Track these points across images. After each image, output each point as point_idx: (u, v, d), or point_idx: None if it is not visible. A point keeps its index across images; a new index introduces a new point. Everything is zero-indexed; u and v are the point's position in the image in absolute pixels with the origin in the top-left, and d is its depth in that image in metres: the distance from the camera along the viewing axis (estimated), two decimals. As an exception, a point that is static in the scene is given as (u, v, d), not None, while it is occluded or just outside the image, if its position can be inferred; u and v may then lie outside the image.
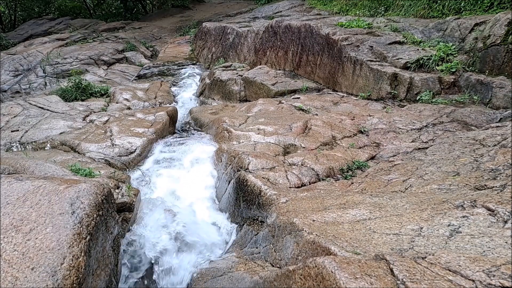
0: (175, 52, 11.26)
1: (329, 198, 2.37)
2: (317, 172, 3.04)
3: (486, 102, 4.15)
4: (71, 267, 1.70)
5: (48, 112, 5.19)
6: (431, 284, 1.19)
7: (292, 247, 1.93)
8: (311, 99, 5.14)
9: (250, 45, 8.34)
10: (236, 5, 16.54)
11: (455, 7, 5.86)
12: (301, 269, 1.47)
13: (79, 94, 6.55)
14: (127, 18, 17.88)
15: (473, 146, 2.74)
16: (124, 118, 4.96)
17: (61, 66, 9.97)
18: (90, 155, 3.81)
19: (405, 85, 4.75)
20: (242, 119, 4.49)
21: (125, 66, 10.36)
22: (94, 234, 1.96)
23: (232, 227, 3.05)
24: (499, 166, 2.24)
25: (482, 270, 1.23)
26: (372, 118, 4.18)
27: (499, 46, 4.31)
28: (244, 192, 2.88)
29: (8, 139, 4.21)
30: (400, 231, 1.71)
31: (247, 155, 3.22)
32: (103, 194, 2.17)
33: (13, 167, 3.05)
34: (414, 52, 5.11)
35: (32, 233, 1.79)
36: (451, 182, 2.23)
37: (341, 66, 5.62)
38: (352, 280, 1.24)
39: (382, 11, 7.51)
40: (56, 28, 15.47)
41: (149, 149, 4.25)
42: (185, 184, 3.64)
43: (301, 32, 6.70)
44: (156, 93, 7.00)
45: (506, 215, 1.63)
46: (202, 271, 2.53)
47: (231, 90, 6.56)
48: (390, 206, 2.04)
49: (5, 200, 1.96)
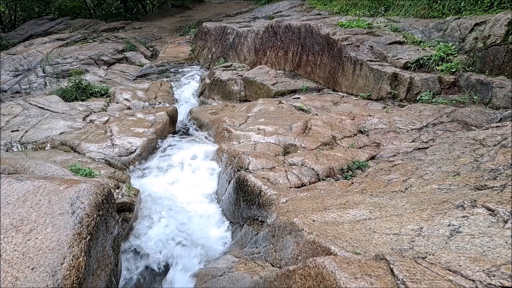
0: (175, 52, 11.26)
1: (329, 198, 2.37)
2: (317, 172, 3.04)
3: (486, 102, 4.15)
4: (71, 267, 1.70)
5: (48, 112, 5.19)
6: (431, 284, 1.19)
7: (292, 247, 1.93)
8: (311, 99, 5.14)
9: (250, 45, 8.34)
10: (236, 5, 16.54)
11: (455, 7, 5.86)
12: (301, 269, 1.47)
13: (79, 94, 6.54)
14: (127, 18, 17.87)
15: (473, 146, 2.74)
16: (124, 118, 4.96)
17: (61, 66, 9.97)
18: (90, 155, 3.81)
19: (405, 85, 4.74)
20: (242, 119, 4.49)
21: (125, 66, 10.36)
22: (94, 234, 1.96)
23: (232, 227, 3.05)
24: (499, 166, 2.24)
25: (482, 270, 1.23)
26: (372, 118, 4.18)
27: (499, 46, 4.31)
28: (244, 192, 2.88)
29: (8, 139, 4.21)
30: (400, 231, 1.71)
31: (247, 155, 3.22)
32: (103, 194, 2.17)
33: (13, 167, 3.05)
34: (414, 52, 5.11)
35: (32, 233, 1.79)
36: (451, 182, 2.23)
37: (341, 66, 5.62)
38: (352, 280, 1.24)
39: (382, 11, 7.51)
40: (56, 28, 15.47)
41: (149, 149, 4.25)
42: (185, 184, 3.64)
43: (301, 32, 6.69)
44: (156, 93, 7.00)
45: (506, 215, 1.63)
46: (202, 271, 2.53)
47: (231, 90, 6.56)
48: (390, 206, 2.04)
49: (5, 200, 1.96)
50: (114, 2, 20.95)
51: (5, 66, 10.28)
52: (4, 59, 10.64)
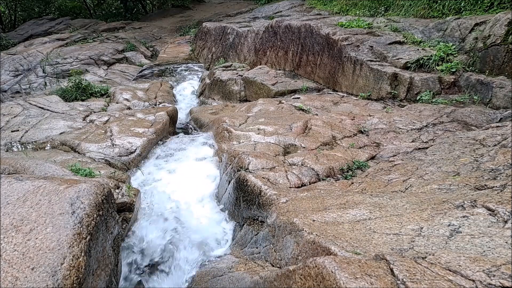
0: (175, 52, 11.26)
1: (329, 198, 2.37)
2: (317, 172, 3.04)
3: (486, 102, 4.15)
4: (71, 267, 1.70)
5: (48, 112, 5.19)
6: (431, 284, 1.19)
7: (292, 247, 1.93)
8: (311, 99, 5.14)
9: (250, 45, 8.34)
10: (236, 5, 16.54)
11: (455, 7, 5.86)
12: (301, 269, 1.47)
13: (79, 94, 6.55)
14: (127, 18, 17.86)
15: (473, 146, 2.74)
16: (124, 118, 4.96)
17: (61, 66, 9.96)
18: (90, 155, 3.81)
19: (405, 85, 4.74)
20: (242, 119, 4.49)
21: (125, 66, 10.35)
22: (94, 234, 1.96)
23: (232, 227, 3.05)
24: (499, 166, 2.24)
25: (482, 270, 1.23)
26: (372, 118, 4.18)
27: (499, 46, 4.31)
28: (244, 192, 2.88)
29: (8, 139, 4.21)
30: (400, 231, 1.71)
31: (247, 155, 3.22)
32: (103, 194, 2.17)
33: (13, 167, 3.05)
34: (414, 52, 5.11)
35: (32, 233, 1.79)
36: (451, 182, 2.23)
37: (341, 66, 5.62)
38: (352, 280, 1.24)
39: (382, 11, 7.51)
40: (56, 28, 15.46)
41: (149, 149, 4.25)
42: (185, 184, 3.64)
43: (301, 32, 6.69)
44: (156, 93, 7.00)
45: (506, 215, 1.63)
46: (202, 271, 2.53)
47: (231, 90, 6.56)
48: (390, 206, 2.04)
49: (5, 200, 1.96)
50: (114, 2, 20.95)
51: (5, 66, 10.28)
52: (4, 59, 10.64)
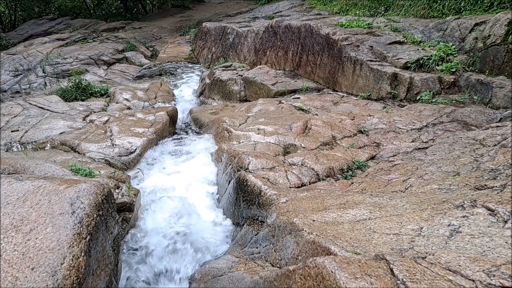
0: (175, 52, 11.26)
1: (329, 198, 2.37)
2: (317, 172, 3.04)
3: (486, 102, 4.15)
4: (71, 267, 1.70)
5: (48, 112, 5.19)
6: (431, 284, 1.19)
7: (292, 247, 1.93)
8: (311, 99, 5.14)
9: (250, 45, 8.34)
10: (236, 5, 16.54)
11: (455, 7, 5.86)
12: (301, 269, 1.47)
13: (79, 94, 6.55)
14: (127, 18, 17.86)
15: (473, 146, 2.74)
16: (124, 118, 4.96)
17: (61, 66, 9.96)
18: (90, 155, 3.81)
19: (405, 85, 4.74)
20: (242, 119, 4.49)
21: (125, 66, 10.35)
22: (94, 234, 1.96)
23: (232, 227, 3.05)
24: (499, 166, 2.24)
25: (482, 270, 1.23)
26: (372, 118, 4.18)
27: (499, 46, 4.31)
28: (244, 192, 2.88)
29: (8, 139, 4.21)
30: (400, 231, 1.71)
31: (247, 155, 3.22)
32: (103, 194, 2.17)
33: (13, 167, 3.05)
34: (414, 52, 5.11)
35: (32, 233, 1.79)
36: (451, 182, 2.23)
37: (341, 66, 5.62)
38: (352, 280, 1.24)
39: (382, 11, 7.51)
40: (56, 28, 15.45)
41: (149, 148, 4.25)
42: (185, 184, 3.64)
43: (301, 32, 6.69)
44: (156, 93, 7.00)
45: (506, 215, 1.63)
46: (202, 271, 2.53)
47: (231, 90, 6.56)
48: (390, 206, 2.04)
49: (5, 200, 1.96)
50: (114, 2, 20.94)
51: (5, 66, 10.27)
52: (4, 59, 10.64)
